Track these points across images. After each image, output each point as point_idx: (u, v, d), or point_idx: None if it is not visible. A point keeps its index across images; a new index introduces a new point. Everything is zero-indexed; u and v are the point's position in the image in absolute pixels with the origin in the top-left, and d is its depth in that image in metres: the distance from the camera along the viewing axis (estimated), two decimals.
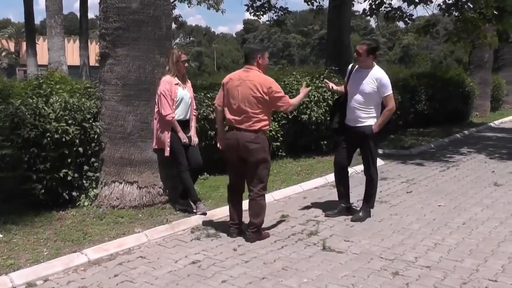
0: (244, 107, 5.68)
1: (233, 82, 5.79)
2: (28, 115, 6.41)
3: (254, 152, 5.72)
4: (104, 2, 6.89)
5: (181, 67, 6.77)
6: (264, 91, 5.64)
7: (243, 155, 5.77)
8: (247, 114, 5.68)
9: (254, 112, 5.68)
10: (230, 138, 5.82)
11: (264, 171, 5.86)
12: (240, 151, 5.77)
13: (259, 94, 5.63)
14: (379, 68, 6.54)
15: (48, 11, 18.45)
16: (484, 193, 8.10)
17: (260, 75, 5.76)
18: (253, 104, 5.66)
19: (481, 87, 21.13)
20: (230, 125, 5.88)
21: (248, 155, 5.74)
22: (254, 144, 5.70)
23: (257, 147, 5.72)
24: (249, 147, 5.70)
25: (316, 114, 10.57)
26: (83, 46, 28.06)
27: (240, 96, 5.70)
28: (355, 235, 6.01)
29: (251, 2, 17.61)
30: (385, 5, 16.29)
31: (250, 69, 5.79)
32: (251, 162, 5.77)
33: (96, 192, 6.96)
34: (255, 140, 5.70)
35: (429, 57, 72.44)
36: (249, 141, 5.69)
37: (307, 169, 9.75)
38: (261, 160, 5.78)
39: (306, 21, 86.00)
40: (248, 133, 5.70)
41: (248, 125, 5.70)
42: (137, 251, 5.54)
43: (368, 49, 6.42)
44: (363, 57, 6.45)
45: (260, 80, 5.69)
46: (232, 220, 6.16)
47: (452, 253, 5.39)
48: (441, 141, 14.29)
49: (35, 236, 5.81)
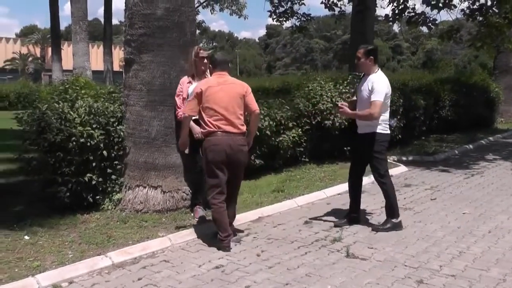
0: (233, 110, 5.78)
1: (213, 88, 5.82)
2: (54, 120, 6.52)
3: (245, 155, 5.95)
4: (129, 8, 6.96)
5: (199, 64, 6.77)
6: (245, 91, 5.86)
7: (234, 158, 5.78)
8: (235, 117, 5.78)
9: (241, 113, 5.85)
10: (219, 143, 5.71)
11: (242, 174, 6.11)
12: (231, 155, 5.74)
13: (242, 95, 5.83)
14: (379, 74, 6.43)
15: (73, 17, 18.73)
16: (510, 201, 7.98)
17: (235, 79, 6.05)
18: (239, 106, 5.83)
19: (507, 92, 20.87)
20: (215, 130, 5.74)
21: (241, 158, 5.86)
22: (245, 147, 5.90)
23: (247, 150, 5.96)
24: (243, 150, 5.86)
25: (339, 120, 10.53)
26: (107, 51, 28.34)
27: (226, 99, 5.77)
28: (378, 242, 5.97)
29: (274, 8, 17.71)
30: (408, 10, 16.22)
31: (224, 75, 5.94)
32: (242, 164, 5.93)
33: (120, 196, 7.01)
34: (244, 142, 5.88)
35: (453, 62, 71.79)
36: (241, 144, 5.82)
37: (330, 175, 9.72)
38: (246, 162, 6.03)
39: (329, 26, 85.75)
40: (239, 136, 5.80)
41: (238, 128, 5.79)
42: (160, 255, 5.57)
43: (365, 52, 6.42)
44: (362, 60, 6.43)
45: (239, 82, 5.96)
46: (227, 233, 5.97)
47: (478, 262, 5.31)
48: (466, 148, 14.13)
49: (60, 238, 5.88)
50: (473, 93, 17.32)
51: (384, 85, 6.32)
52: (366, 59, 6.42)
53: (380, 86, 6.27)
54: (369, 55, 6.41)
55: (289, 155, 10.06)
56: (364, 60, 6.43)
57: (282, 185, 8.67)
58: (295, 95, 10.57)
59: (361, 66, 6.53)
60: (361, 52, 6.46)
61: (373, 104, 6.26)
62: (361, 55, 6.44)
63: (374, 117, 6.30)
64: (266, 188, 8.52)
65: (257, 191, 8.27)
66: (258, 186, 8.63)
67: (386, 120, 6.44)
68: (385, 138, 6.45)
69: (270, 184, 8.79)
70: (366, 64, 6.44)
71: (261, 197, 7.93)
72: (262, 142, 9.13)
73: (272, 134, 9.29)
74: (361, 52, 6.45)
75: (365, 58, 6.42)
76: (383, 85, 6.30)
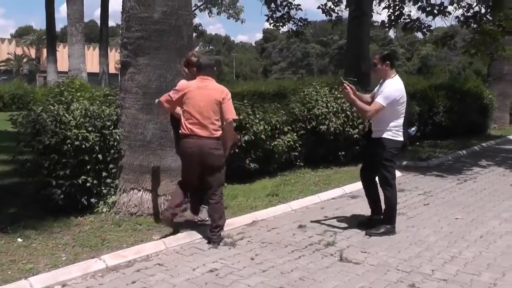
0: (206, 115, 5.87)
1: (192, 92, 5.95)
2: (49, 122, 6.51)
3: (217, 158, 5.97)
4: (126, 11, 6.97)
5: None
6: (222, 97, 5.89)
7: (206, 162, 5.96)
8: (209, 122, 5.88)
9: (216, 119, 5.91)
10: (192, 146, 5.94)
11: (223, 176, 6.15)
12: (202, 159, 5.94)
13: (218, 101, 5.87)
14: (394, 79, 6.40)
15: (69, 19, 18.74)
16: (503, 206, 8.04)
17: (217, 84, 6.07)
18: (215, 111, 5.89)
19: (500, 99, 21.01)
20: (189, 134, 5.94)
21: (212, 161, 5.96)
22: (217, 150, 5.94)
23: (220, 154, 5.99)
24: (214, 153, 5.92)
25: (334, 125, 10.57)
26: (102, 53, 28.32)
27: (202, 104, 5.88)
28: (372, 247, 6.00)
29: (271, 13, 17.75)
30: (404, 17, 16.33)
31: (207, 79, 6.01)
32: (214, 167, 6.00)
33: (114, 199, 7.02)
34: (217, 146, 5.93)
35: (447, 68, 72.00)
36: (212, 147, 5.91)
37: (325, 180, 9.76)
38: (222, 165, 6.06)
39: (326, 31, 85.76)
40: (210, 140, 5.90)
41: (210, 133, 5.90)
42: (155, 258, 5.58)
43: (380, 57, 6.41)
44: (378, 66, 6.41)
45: (219, 88, 5.98)
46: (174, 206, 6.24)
47: (469, 267, 5.34)
48: (459, 153, 14.20)
49: (54, 241, 5.88)
50: (467, 100, 17.43)
51: (395, 91, 6.28)
52: (383, 65, 6.39)
53: (389, 91, 6.27)
54: (385, 60, 6.39)
55: (284, 159, 10.10)
56: (380, 66, 6.41)
57: (276, 189, 8.70)
58: (290, 100, 10.60)
59: (378, 72, 6.50)
60: (377, 58, 6.45)
61: (373, 103, 6.34)
62: (377, 61, 6.42)
63: (367, 115, 6.48)
64: (260, 192, 8.54)
65: (252, 195, 8.29)
66: (253, 190, 8.65)
67: (397, 127, 6.35)
68: (394, 145, 6.36)
69: (265, 188, 8.81)
70: (382, 70, 6.41)
71: (256, 201, 7.95)
72: (257, 146, 9.16)
73: (267, 138, 9.32)
74: (377, 58, 6.44)
75: (381, 64, 6.39)
76: (393, 91, 6.27)
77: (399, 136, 6.38)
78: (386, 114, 6.31)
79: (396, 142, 6.38)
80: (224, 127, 5.98)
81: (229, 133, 6.07)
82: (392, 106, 6.26)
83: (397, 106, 6.31)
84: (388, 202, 6.53)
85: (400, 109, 6.36)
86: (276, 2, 17.65)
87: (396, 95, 6.27)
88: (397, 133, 6.36)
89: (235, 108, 7.29)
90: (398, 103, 6.30)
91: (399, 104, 6.32)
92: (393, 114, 6.32)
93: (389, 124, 6.31)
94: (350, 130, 10.85)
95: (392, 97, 6.24)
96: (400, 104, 6.34)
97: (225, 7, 36.64)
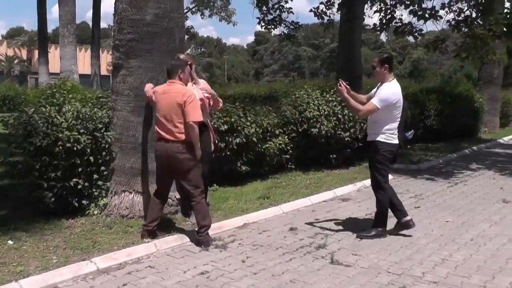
0: (170, 118, 5.96)
1: (158, 96, 6.12)
2: (41, 124, 6.50)
3: (183, 162, 5.98)
4: (118, 13, 6.97)
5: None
6: (184, 100, 5.89)
7: (172, 165, 6.06)
8: (172, 125, 5.95)
9: (179, 122, 5.93)
10: (160, 150, 6.10)
11: (197, 177, 6.12)
12: (169, 162, 6.05)
13: (180, 104, 5.90)
14: (392, 83, 6.39)
15: (61, 21, 18.66)
16: (493, 209, 8.09)
17: (182, 87, 6.08)
18: (178, 114, 5.92)
19: (490, 103, 21.12)
20: (158, 137, 6.13)
21: (177, 164, 6.02)
22: (182, 154, 5.96)
23: (186, 157, 5.98)
24: (179, 157, 5.97)
25: (326, 128, 10.59)
26: (94, 55, 28.21)
27: (166, 108, 5.98)
28: (363, 249, 6.02)
29: (263, 16, 17.74)
30: (395, 20, 16.39)
31: (173, 83, 6.09)
32: (182, 171, 6.05)
33: (105, 201, 7.00)
34: (182, 150, 5.95)
35: (439, 72, 72.21)
36: (177, 151, 5.96)
37: (316, 182, 9.78)
38: (192, 167, 6.04)
39: (317, 34, 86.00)
40: (175, 144, 5.96)
41: (175, 136, 5.95)
42: (146, 260, 5.58)
43: (379, 60, 6.41)
44: (377, 69, 6.41)
45: (181, 91, 5.98)
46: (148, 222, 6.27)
47: (460, 269, 5.38)
48: (450, 157, 14.27)
49: (45, 243, 5.87)
50: (457, 103, 17.52)
51: (391, 94, 6.27)
52: (381, 68, 6.38)
53: (385, 94, 6.26)
54: (384, 63, 6.38)
55: (275, 162, 10.10)
56: (379, 69, 6.40)
57: (268, 192, 8.70)
58: (282, 103, 10.61)
59: (376, 75, 6.51)
60: (376, 61, 6.45)
61: (368, 104, 6.37)
62: (376, 64, 6.42)
63: (359, 115, 6.64)
64: (252, 194, 8.55)
65: (243, 198, 8.29)
66: (244, 193, 8.66)
67: (392, 130, 6.35)
68: (387, 148, 6.36)
69: (256, 191, 8.82)
70: (381, 73, 6.41)
71: (247, 204, 7.96)
72: (248, 148, 9.17)
73: (258, 141, 9.33)
74: (376, 61, 6.44)
75: (380, 67, 6.39)
76: (389, 94, 6.26)
77: (393, 139, 6.38)
78: (381, 117, 6.32)
79: (390, 145, 6.37)
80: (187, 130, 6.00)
81: (191, 135, 5.97)
82: (388, 109, 6.26)
83: (393, 109, 6.31)
84: (380, 205, 6.55)
85: (396, 113, 6.36)
86: (268, 5, 17.65)
87: (393, 99, 6.27)
88: (391, 136, 6.36)
89: (226, 110, 7.29)
90: (395, 106, 6.30)
91: (395, 107, 6.31)
92: (389, 117, 6.32)
93: (384, 127, 6.31)
94: (341, 133, 10.87)
95: (388, 100, 6.24)
96: (397, 108, 6.33)
97: (217, 10, 36.58)
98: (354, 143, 11.31)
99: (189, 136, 5.93)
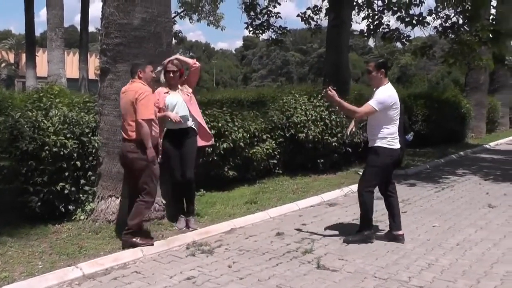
0: (125, 117, 6.06)
1: (121, 94, 6.22)
2: (27, 128, 6.47)
3: (134, 161, 6.00)
4: (105, 18, 6.96)
5: (168, 78, 6.84)
6: (136, 98, 5.92)
7: (125, 163, 6.18)
8: (126, 124, 6.03)
9: (132, 120, 5.97)
10: (120, 149, 6.27)
11: (146, 179, 6.05)
12: (122, 160, 6.21)
13: (132, 102, 5.94)
14: (387, 86, 6.36)
15: (49, 24, 18.55)
16: (478, 214, 8.13)
17: (138, 85, 6.07)
18: (130, 113, 5.97)
19: (477, 108, 21.26)
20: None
21: (128, 163, 6.09)
22: (132, 153, 5.99)
23: (136, 157, 5.98)
24: (128, 156, 6.02)
25: (313, 133, 10.62)
26: (82, 59, 28.05)
27: (123, 107, 6.11)
28: (349, 254, 6.03)
29: (251, 21, 17.75)
30: (383, 26, 16.47)
31: (133, 82, 6.14)
32: (133, 170, 6.08)
33: (92, 206, 6.98)
34: (133, 149, 5.98)
35: (426, 78, 72.55)
36: (129, 150, 6.01)
37: (303, 187, 9.79)
38: (142, 168, 6.01)
39: (305, 39, 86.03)
40: (127, 142, 6.03)
41: (128, 135, 6.02)
42: (132, 266, 5.56)
43: (375, 65, 6.35)
44: (373, 73, 6.35)
45: (136, 89, 6.00)
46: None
47: (446, 274, 5.40)
48: (437, 162, 14.35)
49: (30, 249, 5.84)
50: (445, 109, 17.62)
51: (388, 97, 6.23)
52: (378, 72, 6.33)
53: (382, 96, 6.23)
54: (380, 68, 6.33)
55: (262, 167, 10.11)
56: (375, 74, 6.35)
57: (255, 197, 8.71)
58: (269, 108, 10.63)
59: (372, 80, 6.45)
60: (372, 65, 6.39)
61: (365, 105, 6.34)
62: (372, 68, 6.37)
63: (356, 116, 6.48)
64: (239, 199, 8.55)
65: (230, 203, 8.29)
66: (231, 198, 8.66)
67: (392, 134, 6.30)
68: (389, 153, 6.31)
69: (243, 196, 8.82)
70: (377, 77, 6.35)
71: (234, 209, 7.96)
72: (235, 153, 9.18)
73: (245, 146, 9.35)
74: (372, 66, 6.38)
75: (376, 71, 6.34)
76: (386, 97, 6.22)
77: (395, 144, 6.32)
78: (380, 121, 6.29)
79: (391, 151, 6.31)
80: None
81: (141, 133, 5.92)
82: (385, 112, 6.23)
83: (391, 112, 6.26)
84: (364, 208, 6.48)
85: (393, 115, 6.30)
86: (256, 10, 17.67)
87: (389, 101, 6.23)
88: (392, 140, 6.30)
89: (213, 115, 7.25)
90: (392, 108, 6.25)
91: (392, 110, 6.26)
92: (387, 120, 6.26)
93: (383, 131, 6.26)
94: (328, 138, 10.90)
95: (385, 102, 6.20)
96: (394, 110, 6.28)
97: (205, 14, 36.55)
98: (342, 148, 11.35)
99: (140, 135, 5.93)
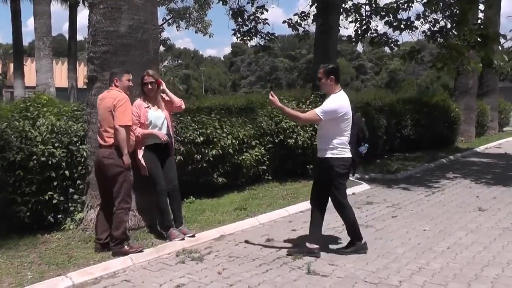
0: (102, 123, 6.10)
1: (98, 101, 6.28)
2: (14, 138, 6.42)
3: (109, 168, 6.01)
4: (92, 25, 6.95)
5: (146, 90, 6.76)
6: (114, 104, 5.98)
7: (100, 170, 6.15)
8: (103, 130, 6.06)
9: (109, 127, 6.01)
10: (95, 154, 6.30)
11: (123, 185, 6.05)
12: (98, 166, 6.18)
13: (110, 109, 5.99)
14: (339, 94, 6.13)
15: (36, 33, 18.52)
16: (469, 218, 8.15)
17: (116, 93, 6.13)
18: (108, 120, 6.02)
19: (466, 112, 21.34)
20: None
21: (103, 170, 6.07)
22: (108, 159, 5.99)
23: (111, 162, 5.99)
24: (104, 162, 6.01)
25: (302, 138, 10.63)
26: (71, 68, 28.01)
27: (100, 113, 6.15)
28: (339, 259, 6.03)
29: (238, 27, 17.75)
30: (371, 31, 16.53)
31: (110, 90, 6.19)
32: (108, 177, 6.05)
33: (81, 216, 6.93)
34: (109, 155, 6.00)
35: (416, 82, 72.99)
36: (104, 156, 6.03)
37: (293, 193, 9.78)
38: (117, 174, 6.01)
39: (294, 45, 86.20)
40: (104, 148, 6.06)
41: (104, 141, 6.04)
42: (122, 274, 5.53)
43: (324, 71, 6.15)
44: (323, 80, 6.17)
45: (114, 96, 6.05)
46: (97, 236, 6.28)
47: (436, 277, 5.41)
48: (427, 166, 14.39)
49: (19, 259, 5.80)
50: (434, 113, 17.68)
51: (336, 106, 5.99)
52: (327, 79, 6.12)
53: (329, 105, 6.02)
54: (329, 74, 6.10)
55: (252, 173, 10.11)
56: (324, 80, 6.15)
57: (244, 203, 8.69)
58: (258, 114, 10.62)
59: (322, 86, 6.27)
60: (321, 72, 6.18)
61: (309, 111, 6.29)
62: (321, 75, 6.17)
63: (300, 122, 6.45)
64: (228, 206, 8.53)
65: (220, 209, 8.27)
66: (221, 204, 8.64)
67: (342, 144, 6.05)
68: (341, 162, 6.08)
69: (233, 202, 8.81)
70: (327, 84, 6.14)
71: (224, 215, 7.94)
72: (225, 160, 9.17)
73: (234, 152, 9.34)
74: (321, 72, 6.18)
75: (326, 78, 6.13)
76: (334, 106, 5.99)
77: (345, 152, 6.11)
78: (329, 131, 6.08)
79: (343, 160, 6.10)
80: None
81: (119, 139, 5.94)
82: (335, 122, 6.01)
83: (341, 122, 6.03)
84: (347, 220, 6.35)
85: (344, 126, 6.07)
86: (243, 16, 17.67)
87: (339, 112, 5.98)
88: (343, 150, 6.09)
89: (202, 122, 7.21)
90: (342, 119, 6.02)
91: (342, 120, 6.03)
92: (337, 131, 6.04)
93: (333, 142, 6.04)
94: None
95: (333, 112, 5.97)
96: (344, 121, 6.05)
97: (193, 21, 36.61)
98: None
99: (117, 141, 5.95)
